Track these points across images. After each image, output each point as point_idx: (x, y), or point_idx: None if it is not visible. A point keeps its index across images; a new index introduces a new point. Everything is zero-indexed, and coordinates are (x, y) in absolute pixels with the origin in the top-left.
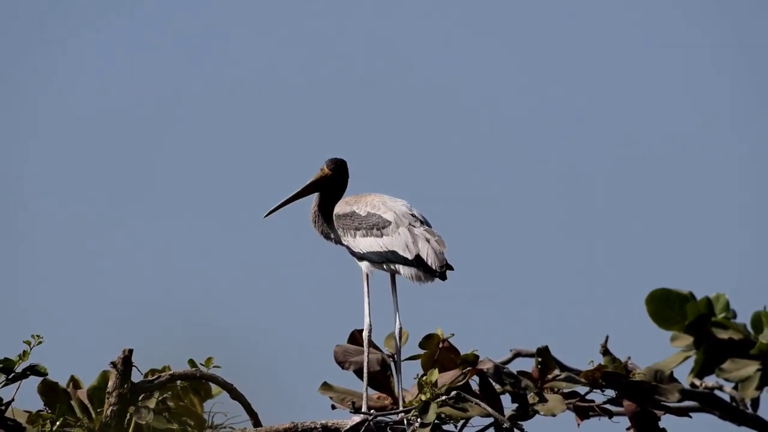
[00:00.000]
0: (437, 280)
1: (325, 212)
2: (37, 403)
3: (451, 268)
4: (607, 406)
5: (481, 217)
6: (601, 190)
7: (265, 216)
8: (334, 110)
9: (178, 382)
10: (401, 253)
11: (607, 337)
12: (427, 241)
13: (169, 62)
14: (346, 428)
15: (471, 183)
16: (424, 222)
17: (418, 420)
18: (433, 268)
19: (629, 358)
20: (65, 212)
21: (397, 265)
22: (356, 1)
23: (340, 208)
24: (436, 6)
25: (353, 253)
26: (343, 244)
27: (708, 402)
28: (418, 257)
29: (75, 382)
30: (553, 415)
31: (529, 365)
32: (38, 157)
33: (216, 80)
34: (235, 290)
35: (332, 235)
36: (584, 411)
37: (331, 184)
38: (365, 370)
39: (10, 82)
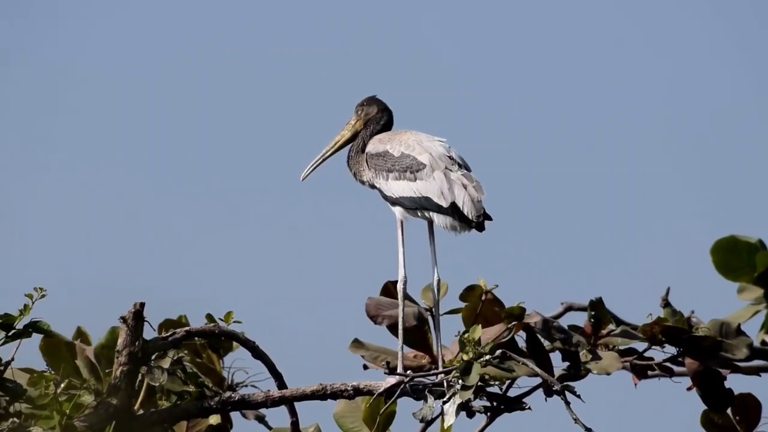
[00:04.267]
0: (474, 230)
1: (361, 151)
2: (39, 363)
3: (489, 218)
4: (668, 364)
5: (525, 160)
6: (661, 130)
7: (303, 179)
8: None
9: (195, 339)
10: (435, 199)
11: (668, 289)
12: (464, 187)
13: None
14: (380, 391)
15: (514, 126)
16: (462, 165)
17: (460, 382)
18: (469, 217)
19: (692, 312)
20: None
21: (431, 213)
22: None
23: (372, 147)
24: None
25: (386, 198)
26: (375, 187)
27: None
28: (453, 205)
29: (83, 336)
30: (608, 374)
31: (581, 320)
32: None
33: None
34: (257, 242)
35: (365, 178)
36: (642, 370)
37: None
38: (400, 325)
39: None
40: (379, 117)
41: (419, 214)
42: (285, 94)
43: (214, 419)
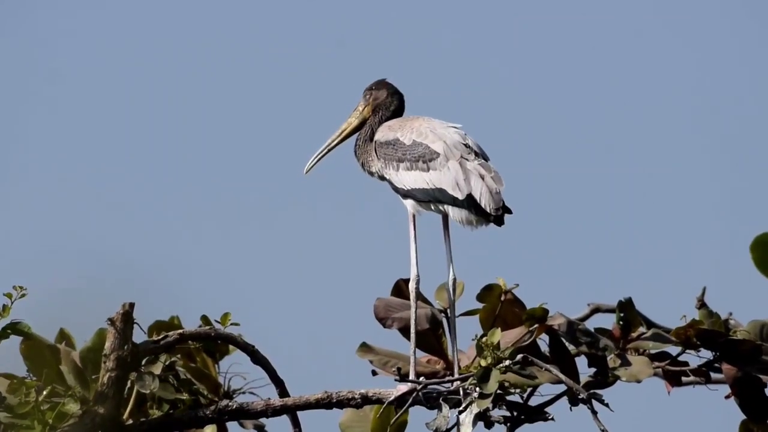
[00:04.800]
0: (492, 224)
1: (369, 139)
2: (20, 368)
3: (509, 211)
4: (704, 369)
5: (547, 150)
6: (691, 124)
7: (307, 171)
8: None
9: (189, 342)
10: (450, 191)
11: (704, 289)
12: (481, 177)
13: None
14: (390, 399)
15: (536, 116)
16: (479, 154)
17: (477, 389)
18: (487, 210)
19: (730, 313)
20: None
21: (445, 206)
22: None
23: (382, 134)
24: None
25: (396, 190)
26: (385, 179)
27: None
28: (469, 197)
29: (66, 339)
30: (638, 381)
31: (609, 322)
32: None
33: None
34: (255, 238)
35: (373, 168)
36: (675, 376)
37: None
38: (412, 328)
39: None
40: (389, 102)
41: (433, 207)
42: (283, 87)
43: (210, 429)
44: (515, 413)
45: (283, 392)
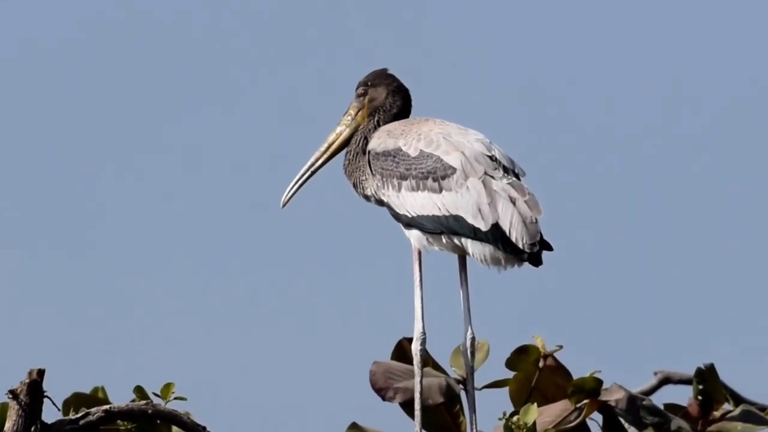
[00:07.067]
0: (526, 264)
1: (362, 151)
2: None
3: (549, 247)
4: None
5: (597, 165)
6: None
7: (283, 205)
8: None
9: (119, 422)
10: (470, 220)
11: None
12: (512, 202)
13: None
14: None
15: (583, 123)
16: (510, 170)
17: None
18: (519, 245)
19: None
20: None
21: (463, 240)
22: None
23: (378, 142)
24: None
25: (397, 217)
26: (383, 203)
27: None
28: (495, 227)
29: None
30: None
31: (683, 396)
32: None
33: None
34: (205, 285)
35: (369, 190)
36: None
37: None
38: (417, 403)
39: None
40: (390, 103)
41: (446, 240)
42: (270, 86)
43: None
44: None
45: None
